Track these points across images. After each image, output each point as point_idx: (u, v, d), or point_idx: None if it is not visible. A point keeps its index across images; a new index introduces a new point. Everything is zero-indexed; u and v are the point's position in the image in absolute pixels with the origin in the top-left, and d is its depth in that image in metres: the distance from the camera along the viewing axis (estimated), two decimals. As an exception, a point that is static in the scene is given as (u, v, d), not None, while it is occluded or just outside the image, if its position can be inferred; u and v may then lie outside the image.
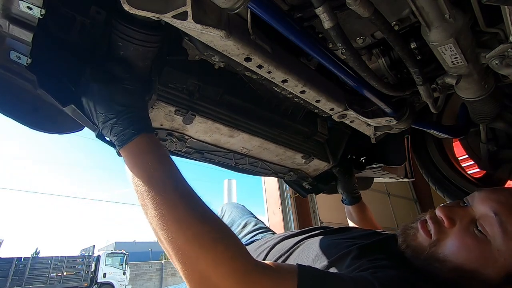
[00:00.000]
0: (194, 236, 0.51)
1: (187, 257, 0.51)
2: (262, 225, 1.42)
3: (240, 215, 1.52)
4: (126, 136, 0.61)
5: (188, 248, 0.51)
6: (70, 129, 0.81)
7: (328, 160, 1.34)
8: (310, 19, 0.79)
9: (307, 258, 0.77)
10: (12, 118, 0.70)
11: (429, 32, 0.68)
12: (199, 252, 0.50)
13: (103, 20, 0.71)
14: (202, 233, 0.52)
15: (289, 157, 1.22)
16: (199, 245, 0.50)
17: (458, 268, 0.63)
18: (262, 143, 1.08)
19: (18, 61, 0.63)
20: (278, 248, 0.91)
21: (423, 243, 0.69)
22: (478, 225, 0.63)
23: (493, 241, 0.61)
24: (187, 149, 1.00)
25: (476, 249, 0.62)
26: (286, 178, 1.40)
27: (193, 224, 0.52)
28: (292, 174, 1.36)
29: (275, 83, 0.81)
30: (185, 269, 0.50)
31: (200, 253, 0.50)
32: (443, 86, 0.89)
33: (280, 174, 1.35)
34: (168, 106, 0.83)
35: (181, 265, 0.51)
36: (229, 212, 1.59)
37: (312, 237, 0.88)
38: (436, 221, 0.69)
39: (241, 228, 1.40)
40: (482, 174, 1.69)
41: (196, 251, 0.50)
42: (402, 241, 0.74)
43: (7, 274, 11.38)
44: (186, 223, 0.52)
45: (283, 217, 3.15)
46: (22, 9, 0.55)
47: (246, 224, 1.42)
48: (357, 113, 0.97)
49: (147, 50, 0.70)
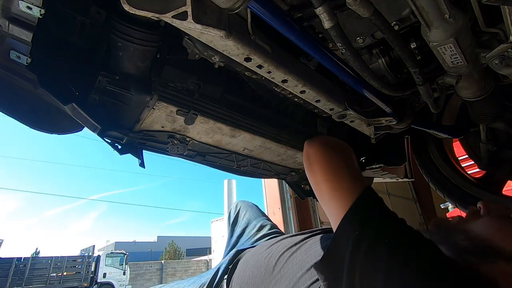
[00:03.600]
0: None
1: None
2: (277, 229, 1.43)
3: (255, 216, 1.52)
4: None
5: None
6: (69, 130, 0.81)
7: None
8: (310, 19, 0.79)
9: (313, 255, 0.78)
10: (12, 117, 0.71)
11: (429, 32, 0.68)
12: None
13: (103, 20, 0.71)
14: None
15: (291, 156, 1.22)
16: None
17: (478, 237, 0.64)
18: (263, 143, 1.08)
19: (18, 60, 0.63)
20: (285, 243, 0.92)
21: (453, 221, 0.72)
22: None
23: None
24: (188, 152, 0.99)
25: (506, 228, 0.64)
26: (288, 179, 1.39)
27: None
28: (294, 174, 1.35)
29: (275, 83, 0.81)
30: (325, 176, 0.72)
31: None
32: (443, 86, 0.89)
33: (282, 175, 1.35)
34: (169, 106, 0.82)
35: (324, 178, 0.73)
36: (244, 210, 1.58)
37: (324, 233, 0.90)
38: (473, 209, 0.72)
39: (256, 231, 1.41)
40: (482, 174, 1.69)
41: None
42: (433, 223, 0.76)
43: (7, 274, 11.38)
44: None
45: (283, 217, 3.15)
46: (22, 9, 0.55)
47: (262, 226, 1.43)
48: (357, 113, 0.97)
49: (146, 50, 0.70)
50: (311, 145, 0.81)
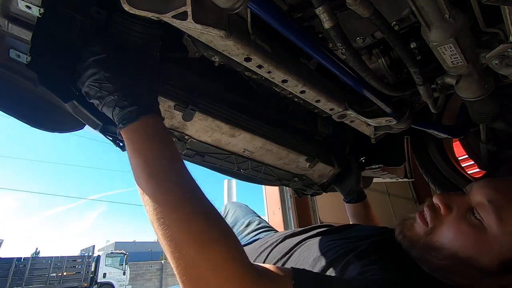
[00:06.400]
0: (195, 234, 0.48)
1: (185, 255, 0.47)
2: (265, 224, 1.41)
3: (243, 214, 1.52)
4: (133, 114, 0.56)
5: (186, 247, 0.47)
6: (70, 128, 0.81)
7: (333, 164, 1.30)
8: (310, 19, 0.79)
9: (307, 260, 0.76)
10: (13, 116, 0.71)
11: (429, 32, 0.68)
12: (197, 252, 0.47)
13: (103, 20, 0.71)
14: (203, 231, 0.48)
15: (293, 160, 1.17)
16: (198, 245, 0.47)
17: (453, 255, 0.62)
18: (264, 144, 1.06)
19: (18, 59, 0.63)
20: (280, 248, 0.91)
21: (419, 232, 0.69)
22: (475, 212, 0.63)
23: (489, 228, 0.60)
24: (187, 151, 0.97)
25: (472, 236, 0.61)
26: (291, 185, 1.33)
27: (194, 221, 0.49)
28: (297, 180, 1.29)
29: (275, 83, 0.81)
30: (180, 268, 0.47)
31: (199, 253, 0.47)
32: (443, 86, 0.89)
33: (285, 180, 1.29)
34: (167, 100, 0.81)
35: (176, 264, 0.48)
36: (233, 211, 1.58)
37: (313, 237, 0.88)
38: (433, 208, 0.69)
39: (244, 227, 1.40)
40: (482, 174, 1.69)
41: (195, 250, 0.47)
42: (399, 232, 0.74)
43: (7, 274, 11.38)
44: (187, 219, 0.49)
45: (283, 217, 3.15)
46: (21, 8, 0.55)
47: (250, 223, 1.42)
48: (357, 113, 0.97)
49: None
50: None
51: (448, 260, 0.63)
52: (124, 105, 0.57)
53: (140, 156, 0.55)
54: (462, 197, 0.68)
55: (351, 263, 0.66)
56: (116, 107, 0.57)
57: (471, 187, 0.69)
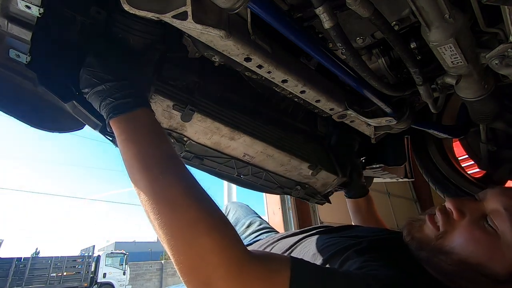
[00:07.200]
0: (189, 221, 0.48)
1: (179, 243, 0.48)
2: (267, 225, 1.41)
3: (244, 215, 1.51)
4: (127, 106, 0.57)
5: (181, 234, 0.48)
6: (70, 128, 0.81)
7: (337, 173, 1.26)
8: (310, 19, 0.79)
9: (307, 256, 0.77)
10: (12, 116, 0.71)
11: (429, 32, 0.68)
12: (192, 239, 0.47)
13: (103, 20, 0.71)
14: (197, 219, 0.48)
15: (295, 167, 1.14)
16: (193, 232, 0.48)
17: (464, 261, 0.62)
18: (265, 148, 1.03)
19: (17, 59, 0.63)
20: (279, 246, 0.91)
21: (429, 234, 0.68)
22: (488, 220, 0.63)
23: (502, 236, 0.60)
24: (186, 154, 0.95)
25: (484, 243, 0.61)
26: (293, 193, 1.29)
27: (189, 208, 0.49)
28: (300, 188, 1.25)
29: (275, 83, 0.81)
30: (176, 256, 0.47)
31: (193, 240, 0.47)
32: (443, 86, 0.89)
33: (287, 188, 1.25)
34: (166, 100, 0.80)
35: (172, 251, 0.48)
36: (234, 211, 1.58)
37: (312, 235, 0.88)
38: (445, 212, 0.69)
39: (245, 228, 1.40)
40: (482, 174, 1.69)
41: (190, 237, 0.47)
42: (407, 233, 0.73)
43: (7, 274, 11.37)
44: (181, 207, 0.49)
45: (283, 217, 3.15)
46: (21, 8, 0.55)
47: (251, 223, 1.41)
48: (357, 113, 0.97)
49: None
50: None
51: (457, 265, 0.63)
52: (117, 97, 0.58)
53: (134, 146, 0.55)
54: (475, 203, 0.67)
55: (350, 258, 0.65)
56: (108, 98, 0.58)
57: (485, 194, 0.68)
